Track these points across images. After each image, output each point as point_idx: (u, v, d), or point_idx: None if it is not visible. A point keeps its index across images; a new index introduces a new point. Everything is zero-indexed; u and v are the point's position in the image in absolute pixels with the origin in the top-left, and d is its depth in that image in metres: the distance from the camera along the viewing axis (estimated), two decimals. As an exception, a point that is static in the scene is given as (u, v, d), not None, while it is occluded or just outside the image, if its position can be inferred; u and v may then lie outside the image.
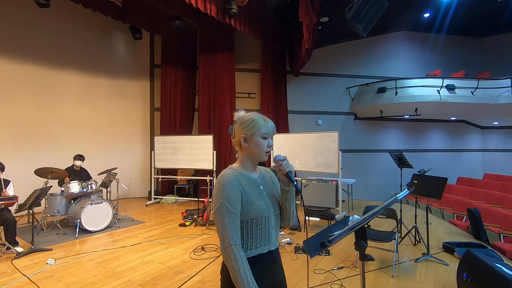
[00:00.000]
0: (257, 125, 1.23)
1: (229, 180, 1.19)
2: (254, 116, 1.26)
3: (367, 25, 4.72)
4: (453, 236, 4.75)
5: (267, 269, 1.25)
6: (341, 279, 3.16)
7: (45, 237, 4.60)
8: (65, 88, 6.89)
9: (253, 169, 1.32)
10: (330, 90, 9.12)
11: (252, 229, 1.21)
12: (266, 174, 1.39)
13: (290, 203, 1.31)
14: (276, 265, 1.30)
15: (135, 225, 5.35)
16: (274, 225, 1.30)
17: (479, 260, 2.62)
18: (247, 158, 1.29)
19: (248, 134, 1.23)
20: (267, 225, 1.24)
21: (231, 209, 1.15)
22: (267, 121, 1.25)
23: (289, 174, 1.23)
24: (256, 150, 1.24)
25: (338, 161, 5.84)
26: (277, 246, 1.32)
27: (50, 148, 6.56)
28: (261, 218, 1.22)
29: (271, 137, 1.27)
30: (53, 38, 6.68)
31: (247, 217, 1.20)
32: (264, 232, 1.23)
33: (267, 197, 1.29)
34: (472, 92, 7.85)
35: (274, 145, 7.08)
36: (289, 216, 1.33)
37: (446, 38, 9.97)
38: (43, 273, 3.30)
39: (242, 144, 1.26)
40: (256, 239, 1.22)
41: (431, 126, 9.85)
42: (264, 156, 1.26)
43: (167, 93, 7.99)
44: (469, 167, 10.06)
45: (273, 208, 1.29)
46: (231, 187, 1.17)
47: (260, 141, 1.23)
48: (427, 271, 3.41)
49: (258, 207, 1.22)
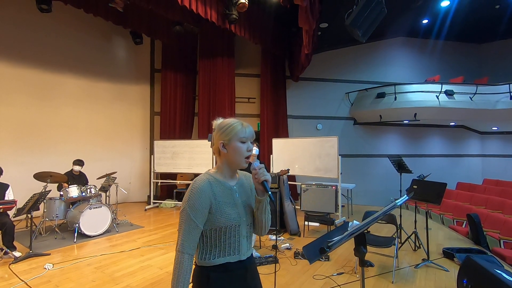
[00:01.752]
0: (235, 130, 1.21)
1: (200, 187, 1.17)
2: (231, 121, 1.24)
3: (366, 31, 4.76)
4: (453, 242, 4.74)
5: (237, 277, 1.22)
6: (340, 285, 3.14)
7: (43, 241, 4.57)
8: (65, 92, 6.91)
9: (231, 176, 1.29)
10: (330, 95, 9.16)
11: (220, 237, 1.19)
12: (245, 181, 1.35)
13: (262, 213, 1.25)
14: (248, 273, 1.26)
15: (134, 229, 5.33)
16: (246, 234, 1.26)
17: (479, 266, 2.60)
18: (225, 164, 1.26)
19: (226, 139, 1.21)
20: (237, 234, 1.22)
21: (191, 217, 1.14)
22: (245, 126, 1.23)
23: (264, 183, 1.18)
24: (235, 156, 1.21)
25: (338, 166, 5.84)
26: (249, 255, 1.27)
27: (50, 152, 6.55)
28: (230, 227, 1.20)
29: (250, 141, 1.24)
30: (54, 42, 6.71)
31: (215, 225, 1.18)
32: (233, 242, 1.21)
33: (241, 206, 1.25)
34: (470, 97, 7.89)
35: (274, 150, 7.15)
36: (260, 226, 1.28)
37: (444, 44, 10.06)
38: (40, 278, 3.28)
39: (221, 150, 1.22)
40: (224, 248, 1.20)
41: (430, 131, 9.88)
42: (243, 162, 1.23)
43: (167, 98, 8.01)
44: (468, 172, 10.06)
45: (246, 217, 1.26)
46: (199, 195, 1.16)
47: (238, 145, 1.20)
48: (427, 277, 3.39)
49: (228, 216, 1.19)
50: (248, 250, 1.28)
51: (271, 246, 4.35)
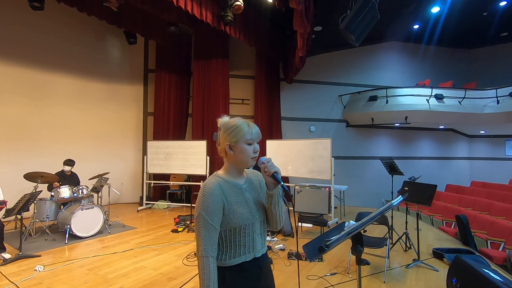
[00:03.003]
0: (241, 132, 1.21)
1: (211, 189, 1.18)
2: (238, 122, 1.24)
3: (359, 36, 4.85)
4: (443, 242, 4.85)
5: (252, 276, 1.24)
6: (334, 285, 3.19)
7: (33, 243, 4.49)
8: (57, 91, 6.80)
9: (239, 176, 1.30)
10: (323, 98, 9.26)
11: (235, 237, 1.20)
12: (254, 178, 1.36)
13: (275, 207, 1.26)
14: (262, 272, 1.28)
15: (127, 231, 5.28)
16: (260, 231, 1.28)
17: (467, 265, 2.68)
18: (232, 165, 1.27)
19: (232, 141, 1.21)
20: (251, 232, 1.23)
21: (208, 221, 1.15)
22: (251, 127, 1.23)
23: (275, 175, 1.19)
24: (242, 157, 1.22)
25: (331, 167, 5.91)
26: (263, 252, 1.29)
27: (41, 152, 6.43)
28: (244, 226, 1.21)
29: (257, 142, 1.25)
30: (46, 40, 6.61)
31: (229, 225, 1.19)
32: (248, 240, 1.22)
33: (252, 204, 1.27)
34: (459, 101, 8.09)
35: (267, 152, 7.18)
36: (275, 220, 1.29)
37: (435, 49, 10.29)
38: (31, 280, 3.22)
39: (227, 151, 1.23)
40: (239, 247, 1.21)
41: (421, 134, 10.07)
42: (250, 162, 1.23)
43: (161, 98, 7.97)
44: (457, 175, 10.29)
45: (258, 214, 1.27)
46: (211, 198, 1.16)
47: (245, 148, 1.21)
48: (417, 276, 3.47)
49: (241, 215, 1.20)
50: (263, 247, 1.30)
51: (265, 247, 4.37)
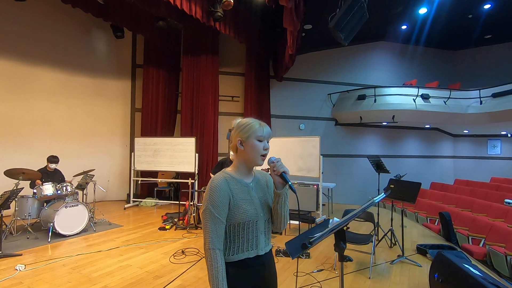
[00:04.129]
0: (252, 128, 1.26)
1: (218, 184, 1.21)
2: (250, 120, 1.30)
3: (348, 34, 4.88)
4: (426, 239, 4.97)
5: (255, 273, 1.25)
6: (320, 281, 3.22)
7: (14, 241, 4.35)
8: (40, 85, 6.59)
9: (247, 174, 1.33)
10: (312, 96, 9.31)
11: (238, 233, 1.22)
12: (261, 178, 1.39)
13: (282, 207, 1.29)
14: (266, 270, 1.29)
15: (112, 228, 5.19)
16: (264, 230, 1.29)
17: (449, 261, 2.76)
18: (242, 162, 1.30)
19: (244, 137, 1.26)
20: (255, 229, 1.25)
21: (215, 214, 1.18)
22: (262, 125, 1.29)
23: (283, 175, 1.23)
24: (252, 153, 1.25)
25: (319, 165, 5.96)
26: (267, 251, 1.30)
27: (23, 148, 6.23)
28: (248, 223, 1.23)
29: (267, 141, 1.29)
30: (29, 33, 6.39)
31: (233, 221, 1.21)
32: (251, 237, 1.24)
33: (258, 202, 1.29)
34: (444, 101, 8.27)
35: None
36: (279, 220, 1.31)
37: (422, 49, 10.49)
38: (11, 280, 3.13)
39: (238, 147, 1.27)
40: (242, 244, 1.23)
41: (407, 133, 10.28)
42: (259, 160, 1.26)
43: (149, 94, 7.84)
44: (441, 173, 10.56)
45: (263, 213, 1.29)
46: (218, 192, 1.20)
47: (255, 143, 1.25)
48: (401, 272, 3.54)
49: (245, 211, 1.22)
50: (267, 245, 1.31)
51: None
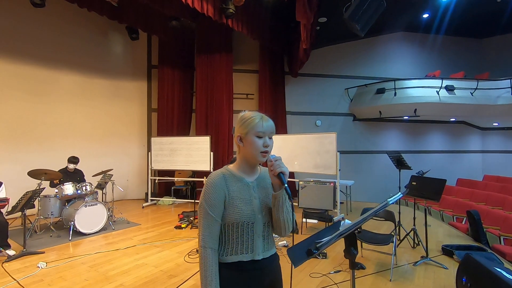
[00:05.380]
0: (252, 123, 1.16)
1: (213, 181, 1.17)
2: (252, 114, 1.20)
3: (365, 25, 4.66)
4: (453, 239, 4.69)
5: (250, 278, 1.16)
6: (337, 283, 3.09)
7: (38, 239, 4.52)
8: (60, 88, 6.81)
9: (250, 171, 1.24)
10: (329, 91, 9.07)
11: (233, 234, 1.16)
12: (267, 177, 1.28)
13: (279, 211, 1.16)
14: (263, 275, 1.19)
15: (131, 227, 5.28)
16: (262, 233, 1.19)
17: (478, 264, 2.55)
18: (243, 159, 1.23)
19: (243, 132, 1.18)
20: (250, 232, 1.16)
21: (209, 211, 1.14)
22: (264, 120, 1.18)
23: (280, 175, 1.12)
24: (251, 150, 1.16)
25: (336, 162, 5.78)
26: (266, 256, 1.20)
27: (45, 149, 6.47)
28: (242, 224, 1.15)
29: (269, 137, 1.18)
30: (49, 37, 6.60)
31: (228, 220, 1.15)
32: (246, 240, 1.16)
33: (257, 203, 1.19)
34: (471, 93, 7.79)
35: (272, 147, 7.02)
36: (278, 225, 1.19)
37: (445, 38, 9.92)
38: (33, 277, 3.23)
39: (238, 143, 1.20)
40: (236, 245, 1.16)
41: (431, 127, 9.80)
42: (259, 157, 1.17)
43: (164, 94, 7.93)
44: (468, 169, 10.00)
45: (261, 215, 1.19)
46: (213, 189, 1.16)
47: (254, 140, 1.15)
48: (426, 275, 3.34)
49: (240, 211, 1.15)
50: (266, 250, 1.21)
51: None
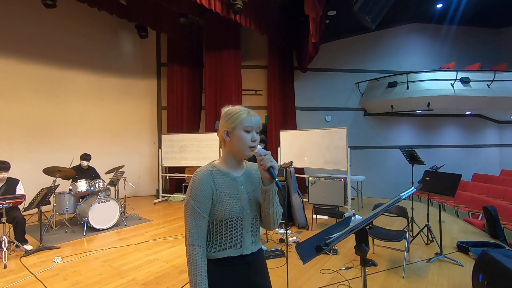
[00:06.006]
0: (239, 118, 1.16)
1: (200, 177, 1.15)
2: (238, 109, 1.20)
3: (375, 17, 4.55)
4: (468, 235, 4.56)
5: (238, 273, 1.17)
6: (349, 279, 3.06)
7: (54, 235, 4.66)
8: (73, 87, 6.95)
9: (236, 166, 1.24)
10: (339, 86, 8.93)
11: (221, 230, 1.15)
12: (254, 171, 1.29)
13: (270, 205, 1.18)
14: (251, 270, 1.20)
15: (142, 223, 5.37)
16: (251, 228, 1.21)
17: (496, 261, 2.47)
18: (229, 154, 1.22)
19: (230, 127, 1.17)
20: (239, 227, 1.17)
21: (196, 208, 1.12)
22: (251, 114, 1.18)
23: (271, 169, 1.12)
24: (239, 144, 1.16)
25: (347, 158, 5.69)
26: (254, 250, 1.22)
27: (59, 147, 6.63)
28: (231, 220, 1.15)
29: (256, 132, 1.19)
30: (61, 37, 6.73)
31: (216, 217, 1.15)
32: (235, 235, 1.16)
33: (246, 198, 1.20)
34: (488, 85, 7.52)
35: (281, 143, 7.03)
36: (268, 219, 1.21)
37: (459, 29, 9.58)
38: (49, 272, 3.32)
39: (225, 138, 1.19)
40: (225, 241, 1.16)
41: (445, 121, 9.53)
42: (247, 151, 1.17)
43: (174, 91, 7.98)
44: (485, 163, 9.68)
45: (250, 209, 1.20)
46: (200, 185, 1.14)
47: (242, 134, 1.15)
48: (440, 272, 3.26)
49: (229, 207, 1.15)
50: (254, 245, 1.23)
51: (278, 240, 4.29)
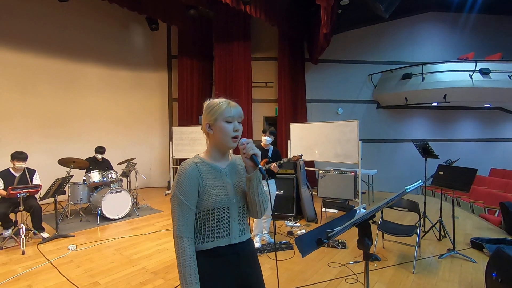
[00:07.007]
0: (220, 109, 1.18)
1: (186, 169, 1.16)
2: (218, 101, 1.21)
3: (389, 5, 4.40)
4: (483, 232, 4.42)
5: (227, 263, 1.18)
6: (357, 273, 3.03)
7: (69, 224, 4.82)
8: (87, 81, 7.09)
9: (221, 158, 1.27)
10: (351, 78, 8.73)
11: (209, 220, 1.17)
12: (238, 162, 1.32)
13: (254, 193, 1.20)
14: (240, 259, 1.21)
15: (153, 214, 5.48)
16: (238, 217, 1.23)
17: (510, 258, 2.39)
18: (213, 146, 1.24)
19: (211, 119, 1.19)
20: (226, 216, 1.19)
21: (183, 200, 1.13)
22: (231, 105, 1.20)
23: (253, 157, 1.15)
24: (221, 136, 1.18)
25: (358, 151, 5.60)
26: (242, 240, 1.23)
27: (74, 139, 6.81)
28: (218, 209, 1.17)
29: (238, 121, 1.21)
30: (75, 34, 6.85)
31: (203, 207, 1.16)
32: (222, 224, 1.18)
33: (231, 188, 1.22)
34: (509, 76, 7.18)
35: (291, 135, 6.97)
36: (254, 206, 1.23)
37: (479, 17, 9.13)
38: (64, 258, 3.45)
39: (208, 131, 1.21)
40: (213, 231, 1.17)
41: (462, 114, 9.20)
42: (230, 142, 1.19)
43: (184, 84, 8.02)
44: (504, 158, 9.33)
45: (236, 199, 1.22)
46: (186, 177, 1.15)
47: (224, 126, 1.17)
48: (451, 268, 3.19)
49: (215, 197, 1.16)
50: (242, 234, 1.24)
51: (286, 233, 4.30)
